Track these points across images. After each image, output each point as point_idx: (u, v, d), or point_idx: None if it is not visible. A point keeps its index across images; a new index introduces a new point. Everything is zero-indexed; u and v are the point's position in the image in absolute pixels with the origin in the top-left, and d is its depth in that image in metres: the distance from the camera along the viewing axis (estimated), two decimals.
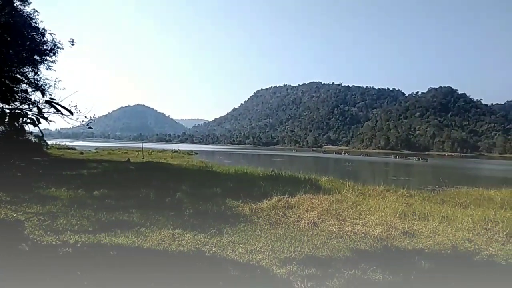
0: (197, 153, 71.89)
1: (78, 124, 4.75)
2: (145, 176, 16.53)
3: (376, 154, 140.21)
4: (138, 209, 9.10)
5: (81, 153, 46.03)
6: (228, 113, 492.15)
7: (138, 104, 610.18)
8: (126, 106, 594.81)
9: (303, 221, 8.62)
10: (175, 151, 63.45)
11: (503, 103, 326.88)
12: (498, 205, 12.58)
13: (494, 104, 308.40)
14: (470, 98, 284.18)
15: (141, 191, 11.69)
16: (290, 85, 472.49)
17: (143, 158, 39.11)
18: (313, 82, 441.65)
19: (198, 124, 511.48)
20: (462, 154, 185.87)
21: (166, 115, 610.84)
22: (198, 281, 4.83)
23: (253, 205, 10.12)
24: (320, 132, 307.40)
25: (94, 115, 5.45)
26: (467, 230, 8.00)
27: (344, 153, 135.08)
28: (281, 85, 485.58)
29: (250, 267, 5.53)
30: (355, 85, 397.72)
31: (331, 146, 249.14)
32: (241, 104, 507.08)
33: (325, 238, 7.29)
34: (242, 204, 10.17)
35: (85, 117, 4.75)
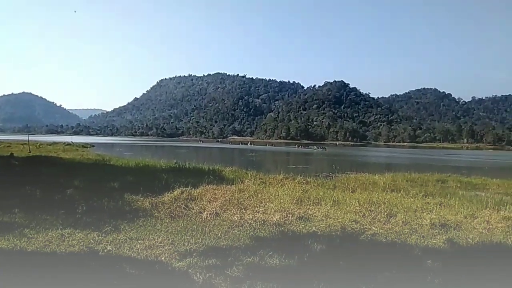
0: (93, 146, 67.24)
1: None
2: (32, 172, 14.93)
3: (279, 144, 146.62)
4: (22, 209, 8.17)
5: None
6: (129, 103, 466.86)
7: (23, 92, 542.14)
8: (9, 94, 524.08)
9: (205, 212, 8.62)
10: (68, 144, 58.29)
11: (387, 96, 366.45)
12: (381, 188, 14.09)
13: (380, 97, 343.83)
14: (360, 92, 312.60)
15: (26, 188, 10.51)
16: (195, 75, 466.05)
17: (30, 152, 35.24)
18: (219, 73, 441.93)
19: (95, 115, 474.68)
20: (352, 143, 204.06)
21: (58, 104, 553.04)
22: (89, 282, 4.52)
23: (153, 198, 9.79)
24: (225, 123, 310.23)
25: None
26: (354, 212, 8.80)
27: (250, 144, 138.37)
28: (186, 75, 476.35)
29: (148, 263, 5.36)
30: (259, 77, 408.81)
31: (236, 137, 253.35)
32: (143, 93, 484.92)
33: (227, 228, 7.39)
34: (142, 199, 9.78)
35: None
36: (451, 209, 9.75)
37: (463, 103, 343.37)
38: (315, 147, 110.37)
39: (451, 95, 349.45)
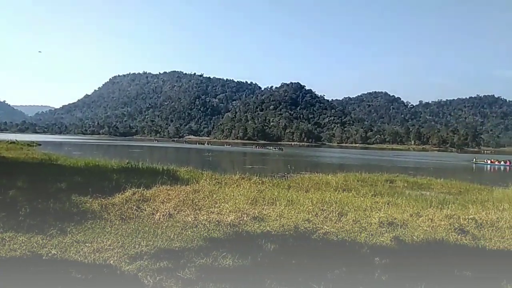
0: (39, 145, 63.60)
1: None
2: None
3: (236, 144, 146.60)
4: None
5: None
6: (79, 100, 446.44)
7: None
8: None
9: (158, 214, 8.41)
10: (12, 142, 54.75)
11: (341, 99, 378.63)
12: (333, 188, 14.48)
13: (334, 99, 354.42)
14: (315, 94, 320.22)
15: None
16: (150, 73, 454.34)
17: None
18: (175, 71, 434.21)
19: (42, 112, 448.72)
20: (307, 144, 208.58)
21: (1, 100, 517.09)
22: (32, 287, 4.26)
23: (103, 200, 9.41)
24: (181, 122, 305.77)
25: None
26: (307, 212, 8.96)
27: (207, 144, 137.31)
28: (141, 72, 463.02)
29: (95, 267, 5.14)
30: (216, 77, 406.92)
31: (192, 137, 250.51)
32: (95, 90, 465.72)
33: (180, 229, 7.26)
34: (90, 200, 9.36)
35: None
36: (398, 208, 10.20)
37: (411, 106, 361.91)
38: (272, 147, 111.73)
39: (400, 99, 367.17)
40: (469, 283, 4.94)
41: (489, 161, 64.44)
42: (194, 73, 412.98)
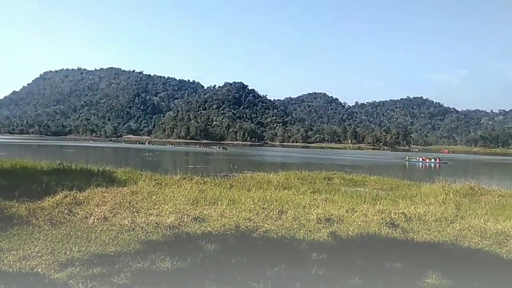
0: None
1: None
2: None
3: (179, 144, 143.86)
4: None
5: None
6: (5, 97, 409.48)
7: None
8: None
9: (92, 217, 7.98)
10: None
11: (282, 99, 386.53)
12: (274, 186, 14.73)
13: (276, 99, 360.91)
14: (258, 94, 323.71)
15: None
16: (85, 69, 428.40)
17: None
18: (112, 67, 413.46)
19: None
20: (250, 143, 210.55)
21: None
22: None
23: (31, 204, 8.73)
24: (120, 121, 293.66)
25: None
26: (248, 211, 9.02)
27: (148, 143, 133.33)
28: (75, 68, 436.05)
29: (21, 276, 4.76)
30: (157, 74, 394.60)
31: (132, 136, 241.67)
32: (24, 86, 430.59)
33: (116, 233, 6.95)
34: (17, 204, 8.63)
35: None
36: (335, 204, 10.62)
37: (348, 107, 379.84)
38: (216, 147, 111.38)
39: (338, 99, 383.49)
40: (398, 274, 5.25)
41: (420, 159, 69.42)
42: (133, 70, 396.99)
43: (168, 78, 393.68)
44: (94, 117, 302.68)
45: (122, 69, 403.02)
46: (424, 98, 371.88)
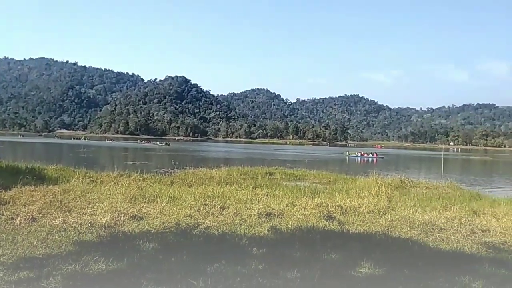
0: None
1: None
2: None
3: (117, 139, 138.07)
4: None
5: None
6: None
7: None
8: None
9: (19, 218, 7.38)
10: None
11: (226, 94, 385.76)
12: (216, 182, 14.67)
13: (219, 95, 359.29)
14: (201, 89, 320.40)
15: None
16: (13, 59, 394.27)
17: None
18: (43, 58, 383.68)
19: None
20: (193, 138, 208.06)
21: None
22: None
23: None
24: (52, 115, 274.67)
25: None
26: (189, 207, 8.89)
27: (84, 139, 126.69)
28: (1, 57, 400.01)
29: None
30: (93, 66, 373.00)
31: (65, 131, 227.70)
32: None
33: (45, 234, 6.49)
34: None
35: None
36: (276, 198, 10.83)
37: (290, 103, 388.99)
38: (158, 142, 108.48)
39: (280, 96, 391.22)
40: (334, 264, 5.46)
41: (359, 154, 73.14)
42: (67, 61, 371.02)
43: (105, 70, 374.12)
44: (23, 110, 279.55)
45: (54, 60, 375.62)
46: (360, 96, 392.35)
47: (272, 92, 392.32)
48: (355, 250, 6.15)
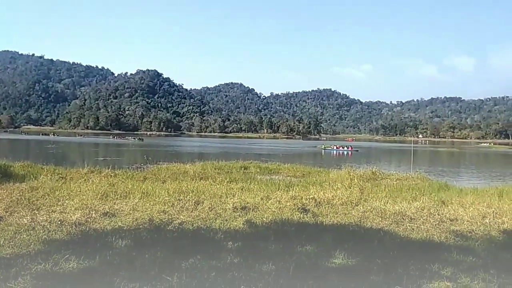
0: None
1: None
2: None
3: (88, 135, 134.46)
4: None
5: None
6: None
7: None
8: None
9: None
10: None
11: (199, 88, 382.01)
12: (190, 177, 14.55)
13: (192, 89, 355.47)
14: (174, 83, 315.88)
15: None
16: None
17: None
18: (7, 51, 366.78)
19: None
20: (166, 133, 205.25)
21: None
22: None
23: None
24: (17, 110, 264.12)
25: None
26: (163, 203, 8.79)
27: (54, 134, 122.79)
28: None
29: None
30: (60, 59, 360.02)
31: (32, 127, 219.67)
32: None
33: (13, 233, 6.26)
34: None
35: None
36: (251, 192, 10.86)
37: (264, 97, 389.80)
38: (131, 137, 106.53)
39: (254, 90, 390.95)
40: (309, 256, 5.53)
41: (335, 147, 74.36)
42: (33, 54, 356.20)
43: (74, 63, 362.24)
44: None
45: (20, 53, 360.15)
46: (333, 90, 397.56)
47: (246, 86, 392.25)
48: (328, 241, 6.25)
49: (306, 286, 4.30)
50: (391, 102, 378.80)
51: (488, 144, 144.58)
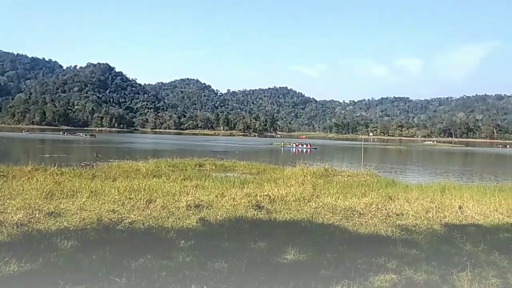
0: None
1: None
2: None
3: (34, 131, 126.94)
4: None
5: None
6: None
7: None
8: None
9: None
10: None
11: (154, 83, 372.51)
12: (143, 175, 14.19)
13: (147, 84, 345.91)
14: (127, 77, 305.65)
15: None
16: None
17: None
18: None
19: None
20: (118, 129, 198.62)
21: None
22: None
23: None
24: None
25: None
26: (112, 202, 8.52)
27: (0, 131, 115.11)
28: None
29: None
30: (3, 50, 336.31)
31: None
32: None
33: None
34: None
35: None
36: (206, 190, 10.80)
37: (221, 94, 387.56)
38: (82, 134, 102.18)
39: (210, 86, 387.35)
40: (261, 252, 5.58)
41: (294, 145, 75.43)
42: None
43: (18, 55, 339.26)
44: None
45: None
46: (289, 88, 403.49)
47: (202, 82, 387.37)
48: (281, 237, 6.36)
49: (257, 282, 4.33)
50: (344, 101, 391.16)
51: (432, 142, 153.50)
